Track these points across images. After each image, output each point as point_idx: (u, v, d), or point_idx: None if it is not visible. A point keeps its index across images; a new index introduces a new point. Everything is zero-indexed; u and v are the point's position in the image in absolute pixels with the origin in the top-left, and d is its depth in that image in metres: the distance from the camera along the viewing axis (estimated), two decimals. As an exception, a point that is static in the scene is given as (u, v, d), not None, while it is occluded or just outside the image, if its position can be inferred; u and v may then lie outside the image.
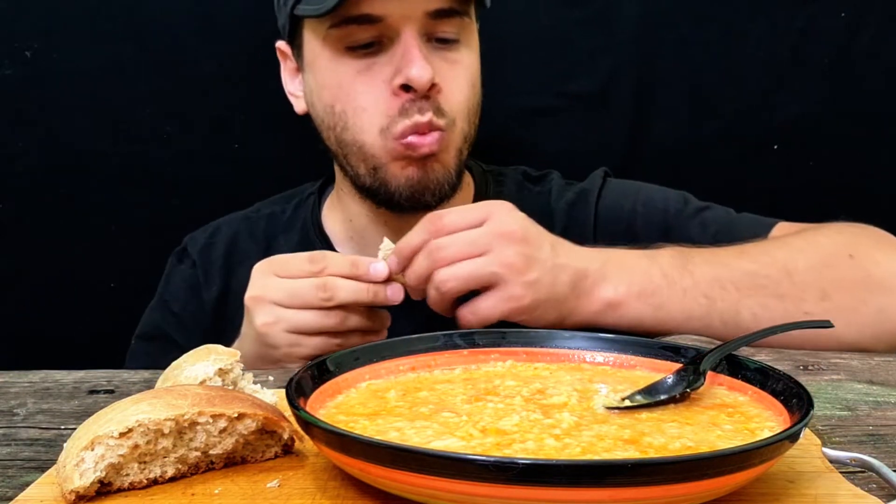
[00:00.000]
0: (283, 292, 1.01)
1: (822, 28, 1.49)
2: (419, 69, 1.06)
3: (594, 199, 1.27)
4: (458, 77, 1.13)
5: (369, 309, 1.04)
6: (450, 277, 0.98)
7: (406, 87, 1.08)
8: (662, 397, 0.73)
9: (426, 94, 1.09)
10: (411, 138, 1.10)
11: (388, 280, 1.02)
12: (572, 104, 1.54)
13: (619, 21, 1.51)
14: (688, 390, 0.73)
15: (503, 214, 1.00)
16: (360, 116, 1.12)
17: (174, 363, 0.81)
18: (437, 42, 1.12)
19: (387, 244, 1.04)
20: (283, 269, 1.02)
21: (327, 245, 1.27)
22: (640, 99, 1.53)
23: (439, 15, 1.10)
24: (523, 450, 0.62)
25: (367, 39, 1.09)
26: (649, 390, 0.74)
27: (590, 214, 1.26)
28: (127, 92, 1.52)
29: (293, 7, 1.12)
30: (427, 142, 1.10)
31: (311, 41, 1.14)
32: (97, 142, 1.53)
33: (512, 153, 1.45)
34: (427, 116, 1.09)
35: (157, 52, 1.51)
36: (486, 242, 0.98)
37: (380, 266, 1.02)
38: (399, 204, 1.15)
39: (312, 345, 1.02)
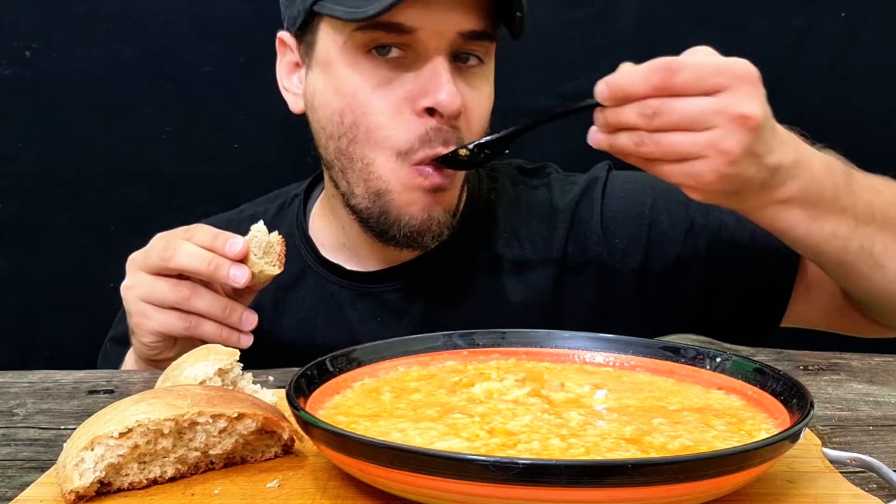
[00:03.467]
0: (143, 253, 1.01)
1: (822, 28, 1.49)
2: (450, 95, 1.01)
3: (599, 195, 1.21)
4: (480, 105, 1.08)
5: (231, 300, 1.01)
6: (654, 143, 0.86)
7: (431, 111, 1.02)
8: None
9: (451, 122, 1.03)
10: (428, 167, 1.04)
11: (243, 262, 0.97)
12: (571, 104, 1.53)
13: (618, 21, 1.51)
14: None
15: (744, 93, 0.85)
16: (376, 133, 1.04)
17: (174, 363, 0.81)
18: (461, 64, 1.06)
19: (258, 226, 0.99)
20: (167, 233, 1.01)
21: (314, 253, 1.21)
22: (640, 99, 1.52)
23: (471, 36, 1.04)
24: (528, 450, 0.62)
25: (392, 45, 1.03)
26: None
27: (595, 213, 1.20)
28: (127, 92, 1.52)
29: (314, 2, 1.04)
30: (441, 174, 1.05)
31: (329, 41, 1.07)
32: (97, 142, 1.53)
33: (510, 153, 1.44)
34: (451, 148, 1.03)
35: (156, 52, 1.51)
36: (711, 121, 0.84)
37: (237, 242, 0.96)
38: (394, 238, 1.08)
39: (160, 319, 0.99)
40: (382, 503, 0.61)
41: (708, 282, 1.16)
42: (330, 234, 1.22)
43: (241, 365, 0.80)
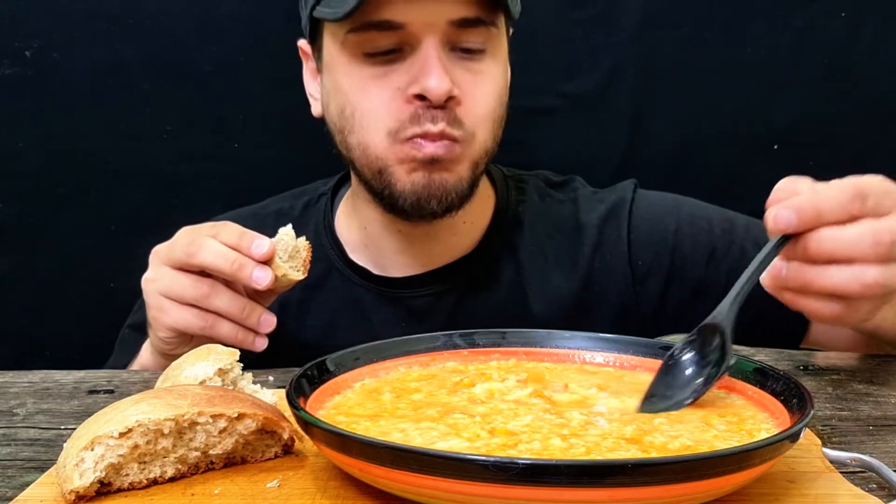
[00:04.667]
0: (167, 246, 1.00)
1: (822, 28, 1.49)
2: (437, 80, 1.02)
3: (626, 216, 1.22)
4: (481, 88, 1.08)
5: (250, 301, 1.00)
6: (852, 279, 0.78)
7: (421, 97, 1.04)
8: (695, 390, 0.73)
9: (442, 106, 1.04)
10: (420, 140, 1.05)
11: (268, 264, 0.96)
12: (572, 104, 1.53)
13: (619, 21, 1.50)
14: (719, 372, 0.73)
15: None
16: (367, 117, 1.07)
17: (174, 363, 0.81)
18: (462, 52, 1.07)
19: (286, 229, 0.99)
20: (193, 228, 1.01)
21: (340, 254, 1.23)
22: (640, 99, 1.52)
23: (464, 24, 1.05)
24: (529, 450, 0.62)
25: (386, 46, 1.05)
26: (670, 385, 0.74)
27: (623, 233, 1.21)
28: (127, 92, 1.52)
29: (313, 8, 1.08)
30: (434, 145, 1.05)
31: (330, 44, 1.10)
32: (97, 142, 1.53)
33: (512, 153, 1.44)
34: (439, 126, 1.04)
35: (156, 52, 1.51)
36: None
37: (263, 243, 0.96)
38: (403, 210, 1.09)
39: (177, 315, 0.99)
40: (382, 503, 0.61)
41: None
42: (353, 233, 1.23)
43: (241, 365, 0.80)
